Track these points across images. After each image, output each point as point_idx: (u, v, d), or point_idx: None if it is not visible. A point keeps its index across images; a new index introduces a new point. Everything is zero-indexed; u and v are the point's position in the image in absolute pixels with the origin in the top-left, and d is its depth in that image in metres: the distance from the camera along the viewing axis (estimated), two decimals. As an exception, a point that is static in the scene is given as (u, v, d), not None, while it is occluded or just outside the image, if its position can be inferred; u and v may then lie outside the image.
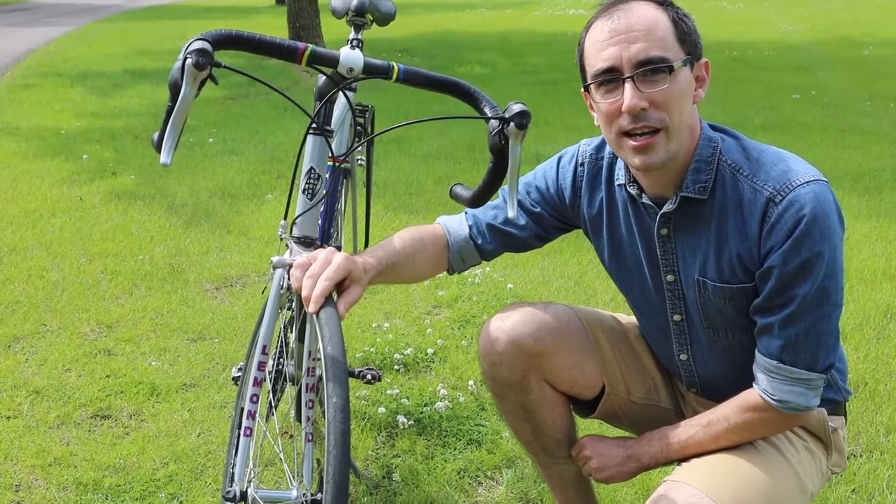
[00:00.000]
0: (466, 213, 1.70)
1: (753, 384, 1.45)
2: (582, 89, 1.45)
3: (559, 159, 1.66)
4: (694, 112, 1.43)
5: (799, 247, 1.34)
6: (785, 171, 1.38)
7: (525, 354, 1.61)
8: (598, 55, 1.37)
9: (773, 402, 1.42)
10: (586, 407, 1.74)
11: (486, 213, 1.68)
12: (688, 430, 1.52)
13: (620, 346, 1.70)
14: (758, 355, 1.44)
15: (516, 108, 1.40)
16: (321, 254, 1.43)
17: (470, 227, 1.68)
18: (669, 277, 1.52)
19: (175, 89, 1.28)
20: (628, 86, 1.34)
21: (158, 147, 1.30)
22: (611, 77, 1.36)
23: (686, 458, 1.52)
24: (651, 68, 1.34)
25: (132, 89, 8.12)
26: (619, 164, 1.54)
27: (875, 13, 14.21)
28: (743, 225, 1.40)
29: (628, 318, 1.78)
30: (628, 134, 1.38)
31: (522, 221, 1.66)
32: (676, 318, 1.56)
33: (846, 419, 1.62)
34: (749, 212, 1.39)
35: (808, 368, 1.39)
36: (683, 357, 1.60)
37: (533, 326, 1.61)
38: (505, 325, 1.61)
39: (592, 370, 1.66)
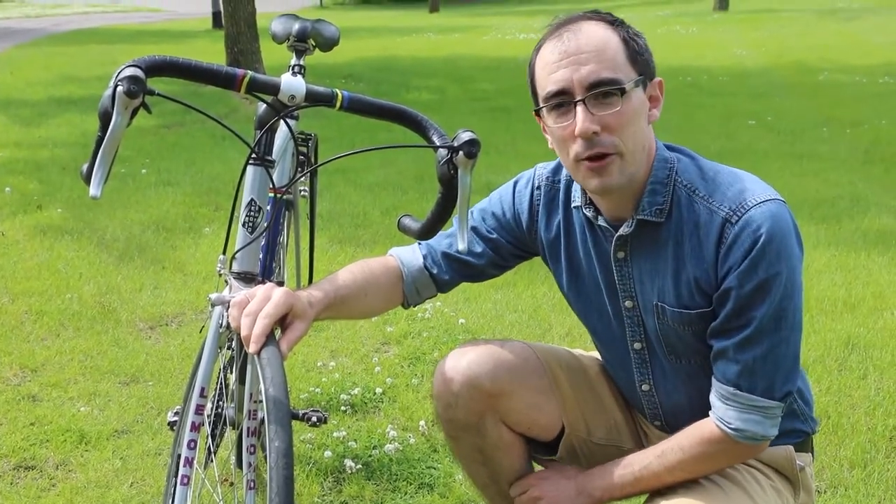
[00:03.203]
0: (420, 243, 1.66)
1: (710, 412, 1.43)
2: (534, 113, 1.44)
3: (515, 183, 1.64)
4: (649, 132, 1.42)
5: (756, 267, 1.32)
6: (741, 190, 1.37)
7: (482, 395, 1.56)
8: (548, 78, 1.36)
9: (729, 430, 1.39)
10: (546, 448, 1.68)
11: (440, 241, 1.64)
12: (642, 461, 1.49)
13: (580, 385, 1.66)
14: (714, 381, 1.42)
15: (465, 136, 1.39)
16: (260, 290, 1.38)
17: (424, 257, 1.64)
18: (627, 303, 1.50)
19: (105, 118, 1.24)
20: (580, 109, 1.33)
21: (88, 179, 1.26)
22: (562, 100, 1.35)
23: (641, 492, 1.49)
24: (603, 91, 1.33)
25: (59, 118, 7.90)
26: (576, 187, 1.53)
27: (830, 38, 14.59)
28: (699, 247, 1.39)
29: (587, 354, 1.75)
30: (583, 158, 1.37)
31: (479, 249, 1.62)
32: (636, 346, 1.53)
33: (813, 456, 1.60)
34: (705, 233, 1.38)
35: (765, 395, 1.37)
36: (645, 388, 1.57)
37: (489, 366, 1.56)
38: (460, 364, 1.57)
39: (551, 411, 1.62)
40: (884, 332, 3.10)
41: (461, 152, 1.38)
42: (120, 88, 1.22)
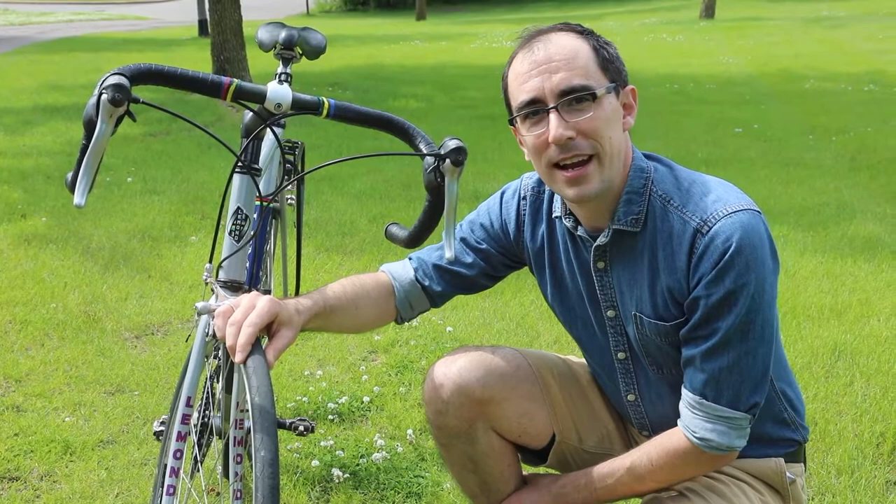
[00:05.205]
0: (410, 257, 1.66)
1: (678, 420, 1.43)
2: (509, 124, 1.45)
3: (502, 194, 1.64)
4: (625, 140, 1.42)
5: (723, 277, 1.32)
6: (714, 200, 1.37)
7: (472, 402, 1.55)
8: (520, 88, 1.38)
9: (694, 440, 1.39)
10: (536, 456, 1.68)
11: (431, 254, 1.64)
12: (613, 473, 1.49)
13: (572, 393, 1.66)
14: (683, 389, 1.42)
15: (452, 144, 1.39)
16: (244, 299, 1.37)
17: (415, 270, 1.63)
18: (610, 313, 1.50)
19: (90, 126, 1.24)
20: (553, 116, 1.34)
21: (72, 187, 1.26)
22: (535, 109, 1.36)
23: (615, 499, 1.50)
24: (575, 97, 1.33)
25: (44, 126, 7.83)
26: (558, 196, 1.53)
27: (815, 46, 14.59)
28: (672, 257, 1.39)
29: (579, 361, 1.75)
30: (559, 166, 1.37)
31: (469, 260, 1.62)
32: (620, 355, 1.53)
33: (805, 466, 1.58)
34: (678, 243, 1.38)
35: (731, 406, 1.37)
36: (631, 398, 1.57)
37: (480, 372, 1.56)
38: (451, 370, 1.56)
39: (542, 418, 1.62)
40: (870, 338, 3.11)
41: (448, 160, 1.39)
42: (104, 96, 1.22)
